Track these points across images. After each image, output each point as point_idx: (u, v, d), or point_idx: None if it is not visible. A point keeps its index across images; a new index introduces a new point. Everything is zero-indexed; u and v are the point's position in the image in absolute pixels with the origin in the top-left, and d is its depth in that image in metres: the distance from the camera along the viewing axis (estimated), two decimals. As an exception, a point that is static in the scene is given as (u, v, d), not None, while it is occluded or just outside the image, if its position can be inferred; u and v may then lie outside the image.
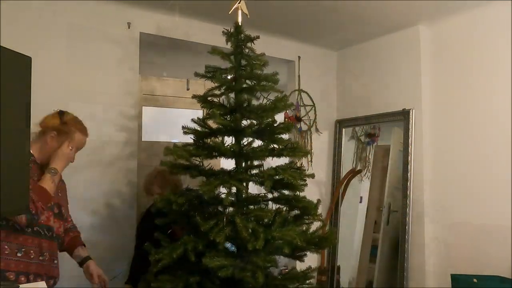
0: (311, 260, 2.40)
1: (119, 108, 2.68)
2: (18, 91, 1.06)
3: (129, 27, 2.72)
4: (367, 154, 3.50)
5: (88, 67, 2.57)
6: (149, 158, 3.15)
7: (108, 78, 2.65)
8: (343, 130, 3.63)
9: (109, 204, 2.63)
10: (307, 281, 2.11)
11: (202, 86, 3.23)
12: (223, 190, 1.99)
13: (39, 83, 1.57)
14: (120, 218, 2.66)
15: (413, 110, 3.02)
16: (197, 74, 2.10)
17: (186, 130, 2.10)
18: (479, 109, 2.71)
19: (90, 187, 2.55)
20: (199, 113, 3.10)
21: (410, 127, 3.01)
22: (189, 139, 2.14)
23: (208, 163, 2.14)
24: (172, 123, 2.99)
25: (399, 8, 2.77)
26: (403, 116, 3.08)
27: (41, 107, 1.62)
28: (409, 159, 3.00)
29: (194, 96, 2.14)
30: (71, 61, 2.52)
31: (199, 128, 2.11)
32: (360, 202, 3.53)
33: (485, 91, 2.70)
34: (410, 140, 3.02)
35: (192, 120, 2.12)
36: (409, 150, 3.01)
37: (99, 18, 2.62)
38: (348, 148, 3.62)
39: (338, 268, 3.43)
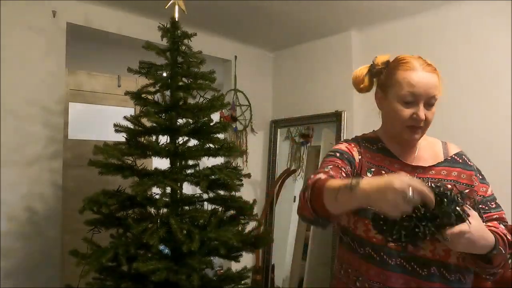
0: (246, 259, 2.40)
1: (42, 103, 2.48)
2: None
3: (54, 16, 2.53)
4: (301, 154, 3.58)
5: (6, 57, 2.35)
6: (76, 157, 2.97)
7: (29, 70, 2.44)
8: (278, 130, 3.69)
9: (29, 208, 2.42)
10: (243, 281, 2.11)
11: (134, 83, 3.12)
12: (157, 190, 1.93)
13: None
14: (42, 223, 2.46)
15: (345, 112, 3.15)
16: (130, 70, 2.02)
17: (118, 128, 2.00)
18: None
19: (7, 188, 2.33)
20: (131, 111, 2.98)
21: (342, 128, 3.14)
22: (121, 137, 2.04)
23: (141, 163, 2.06)
24: (102, 120, 2.84)
25: (333, 13, 2.87)
26: (336, 117, 3.20)
27: None
28: (341, 159, 3.12)
29: (127, 93, 2.05)
30: (-14, 50, 2.29)
31: (132, 126, 2.02)
32: (294, 201, 3.61)
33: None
34: (341, 140, 3.14)
35: (125, 117, 2.03)
36: (341, 151, 3.13)
37: (20, 4, 2.41)
38: (283, 148, 3.69)
39: (273, 267, 3.48)
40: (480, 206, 1.05)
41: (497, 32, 2.51)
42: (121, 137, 2.05)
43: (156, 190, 1.94)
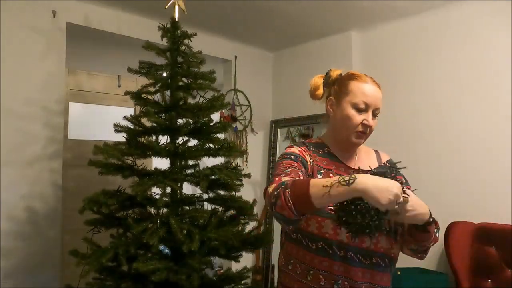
0: (246, 259, 2.40)
1: (42, 103, 2.48)
2: None
3: (54, 16, 2.53)
4: (301, 154, 3.58)
5: (6, 57, 2.35)
6: (76, 157, 2.97)
7: (29, 70, 2.45)
8: (278, 130, 3.69)
9: (29, 208, 2.42)
10: (243, 282, 2.11)
11: (134, 83, 3.12)
12: (157, 190, 1.93)
13: None
14: (42, 223, 2.46)
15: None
16: (130, 70, 2.01)
17: (118, 128, 1.99)
18: (407, 111, 2.90)
19: (7, 188, 2.33)
20: (131, 111, 2.98)
21: (342, 128, 3.13)
22: (121, 137, 2.04)
23: (141, 163, 2.06)
24: (102, 120, 2.84)
25: (333, 13, 2.87)
26: (335, 117, 3.19)
27: None
28: (341, 159, 3.12)
29: (127, 93, 2.05)
30: (-14, 50, 2.29)
31: (132, 126, 2.02)
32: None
33: (413, 95, 2.89)
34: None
35: (125, 117, 2.03)
36: (341, 151, 3.13)
37: (20, 4, 2.41)
38: (283, 148, 3.66)
39: (273, 267, 3.48)
40: None
41: (497, 32, 2.51)
42: (121, 137, 2.05)
43: (156, 190, 1.94)
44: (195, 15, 2.70)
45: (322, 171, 1.28)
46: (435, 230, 1.18)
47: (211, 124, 2.07)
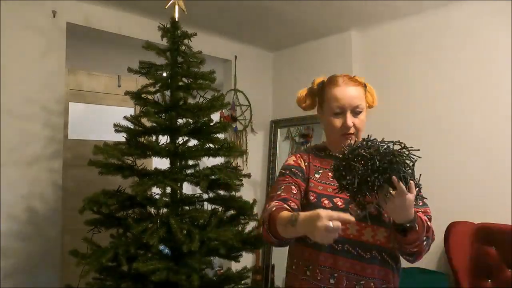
0: (246, 259, 2.40)
1: (42, 103, 2.48)
2: None
3: (54, 16, 2.53)
4: (301, 154, 3.58)
5: (6, 57, 2.35)
6: (76, 157, 2.97)
7: (29, 70, 2.44)
8: (278, 130, 3.69)
9: (29, 208, 2.42)
10: (243, 281, 2.11)
11: (134, 83, 3.12)
12: (157, 190, 1.93)
13: None
14: (42, 223, 2.46)
15: (345, 112, 3.14)
16: (130, 70, 2.01)
17: (118, 128, 1.99)
18: (406, 111, 2.90)
19: (7, 188, 2.33)
20: (131, 110, 2.98)
21: (342, 128, 3.13)
22: (121, 137, 2.04)
23: (141, 163, 2.06)
24: (102, 120, 2.84)
25: (333, 13, 2.87)
26: (335, 117, 3.19)
27: None
28: (341, 159, 3.11)
29: (127, 93, 2.05)
30: (-14, 50, 2.29)
31: (132, 126, 2.02)
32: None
33: (413, 95, 2.89)
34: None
35: (125, 117, 2.03)
36: (341, 151, 3.13)
37: (20, 4, 2.41)
38: (283, 148, 3.68)
39: (273, 266, 3.48)
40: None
41: (497, 32, 2.51)
42: (121, 137, 2.05)
43: (156, 190, 1.94)
44: (195, 15, 2.70)
45: (320, 171, 1.35)
46: (424, 239, 1.17)
47: (211, 124, 2.07)
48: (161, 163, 2.04)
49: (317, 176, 1.34)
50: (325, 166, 1.35)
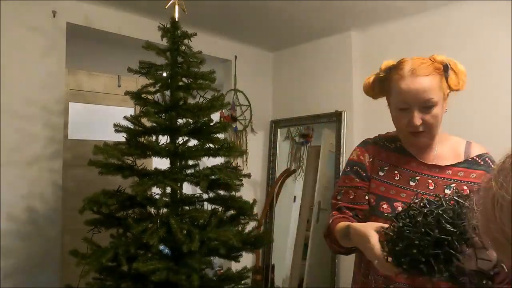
0: (246, 259, 2.40)
1: (42, 103, 2.48)
2: None
3: (54, 16, 2.53)
4: (301, 154, 3.58)
5: (6, 57, 2.34)
6: (76, 157, 2.97)
7: (29, 70, 2.44)
8: (278, 130, 3.69)
9: (29, 208, 2.42)
10: (243, 281, 2.11)
11: (134, 83, 3.12)
12: (157, 190, 1.93)
13: None
14: (42, 223, 2.46)
15: (345, 112, 3.15)
16: (130, 70, 2.02)
17: (118, 128, 1.99)
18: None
19: (7, 188, 2.33)
20: (131, 110, 2.98)
21: (342, 128, 3.13)
22: (121, 137, 2.04)
23: (141, 163, 2.06)
24: (102, 120, 2.84)
25: (333, 13, 2.87)
26: (336, 117, 3.19)
27: None
28: (341, 159, 3.12)
29: (127, 93, 2.05)
30: (-14, 50, 2.29)
31: (132, 126, 2.02)
32: (294, 201, 3.60)
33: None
34: (342, 141, 3.14)
35: (125, 117, 2.03)
36: (341, 151, 3.13)
37: (20, 4, 2.41)
38: (283, 148, 3.68)
39: (273, 267, 3.48)
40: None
41: (497, 32, 2.50)
42: (121, 137, 2.05)
43: (156, 190, 1.94)
44: (195, 15, 2.70)
45: (386, 167, 1.21)
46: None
47: (211, 124, 2.07)
48: (161, 163, 2.04)
49: (381, 174, 1.20)
50: (393, 162, 1.20)
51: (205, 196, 2.10)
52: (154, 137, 2.02)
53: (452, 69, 1.19)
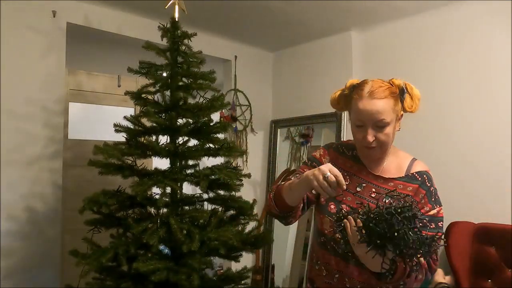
0: (246, 259, 2.40)
1: (42, 103, 2.48)
2: None
3: (54, 16, 2.53)
4: (301, 154, 3.58)
5: (5, 57, 2.35)
6: (76, 157, 2.97)
7: (29, 70, 2.44)
8: (278, 130, 3.69)
9: (29, 208, 2.42)
10: (243, 281, 2.11)
11: (134, 83, 3.12)
12: (157, 190, 1.93)
13: None
14: (42, 223, 2.46)
15: (345, 112, 3.14)
16: (130, 70, 2.01)
17: (118, 128, 1.99)
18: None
19: (7, 188, 2.33)
20: (131, 110, 2.98)
21: (342, 128, 3.13)
22: (121, 137, 2.04)
23: (141, 163, 2.06)
24: (102, 120, 2.84)
25: (333, 13, 2.87)
26: (336, 117, 3.19)
27: None
28: (341, 159, 3.12)
29: (127, 93, 2.05)
30: (-14, 50, 2.29)
31: (132, 126, 2.02)
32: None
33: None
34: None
35: (125, 117, 2.03)
36: (341, 151, 3.13)
37: (20, 4, 2.41)
38: (283, 148, 3.68)
39: (273, 266, 3.48)
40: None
41: (497, 32, 2.50)
42: (121, 137, 2.04)
43: (156, 190, 1.94)
44: (195, 15, 2.70)
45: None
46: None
47: (211, 124, 2.07)
48: (161, 163, 2.04)
49: None
50: (348, 169, 1.34)
51: (205, 196, 2.10)
52: (154, 137, 2.02)
53: (408, 93, 1.33)
